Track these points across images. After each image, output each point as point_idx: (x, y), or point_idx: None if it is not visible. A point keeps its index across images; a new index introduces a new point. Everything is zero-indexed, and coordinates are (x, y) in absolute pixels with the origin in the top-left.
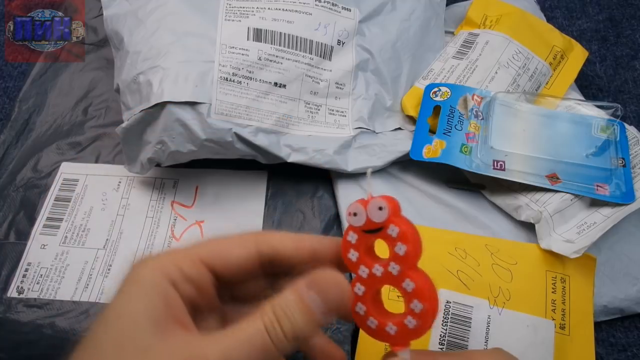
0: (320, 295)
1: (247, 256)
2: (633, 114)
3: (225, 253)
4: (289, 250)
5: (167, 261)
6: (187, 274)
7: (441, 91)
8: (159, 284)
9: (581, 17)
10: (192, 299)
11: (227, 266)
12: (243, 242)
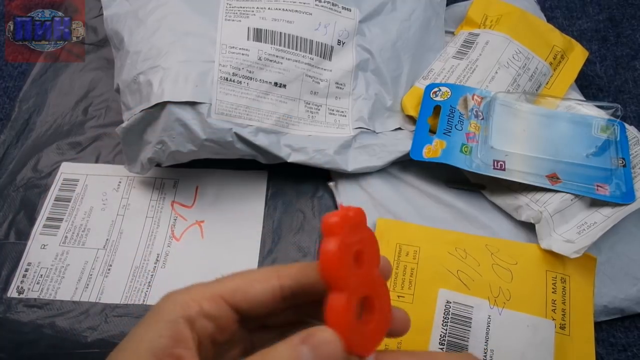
0: (313, 351)
1: (269, 291)
2: (633, 114)
3: (246, 289)
4: (311, 281)
5: (189, 297)
6: (206, 311)
7: (441, 91)
8: (173, 319)
9: (581, 17)
10: (212, 335)
11: (249, 302)
12: (264, 277)
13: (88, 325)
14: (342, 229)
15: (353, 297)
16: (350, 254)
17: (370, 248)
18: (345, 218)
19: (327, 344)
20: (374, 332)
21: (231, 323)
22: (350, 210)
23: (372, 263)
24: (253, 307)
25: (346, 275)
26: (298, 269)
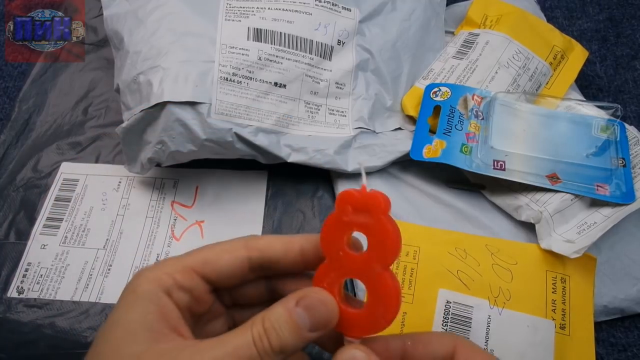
0: (308, 312)
1: (236, 262)
2: (633, 114)
3: (214, 260)
4: (278, 253)
5: (161, 272)
6: (180, 283)
7: (441, 91)
8: (154, 294)
9: (581, 17)
10: (189, 307)
11: (218, 273)
12: (232, 248)
13: (88, 325)
14: (342, 205)
15: (336, 273)
16: (342, 231)
17: (378, 237)
18: (348, 196)
19: (322, 304)
20: (362, 318)
21: (204, 294)
22: (360, 192)
23: (376, 253)
24: (222, 277)
25: (328, 247)
26: (266, 241)
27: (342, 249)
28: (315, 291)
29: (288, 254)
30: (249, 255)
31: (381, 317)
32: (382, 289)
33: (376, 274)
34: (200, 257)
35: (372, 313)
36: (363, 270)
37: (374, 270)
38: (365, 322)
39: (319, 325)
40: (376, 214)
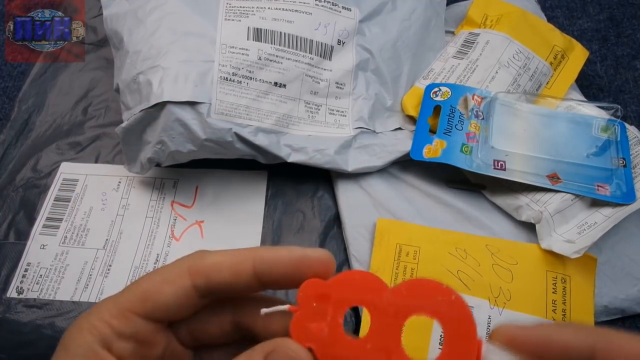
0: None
1: (180, 293)
2: (634, 113)
3: (155, 295)
4: (226, 278)
5: (96, 319)
6: (119, 330)
7: (441, 91)
8: (89, 350)
9: (582, 16)
10: (137, 354)
11: (161, 309)
12: (174, 276)
13: None
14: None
15: (334, 308)
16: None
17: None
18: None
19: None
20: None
21: (152, 335)
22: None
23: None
24: (169, 313)
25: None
26: (213, 262)
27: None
28: (287, 345)
29: (238, 277)
30: (193, 283)
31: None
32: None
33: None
34: (138, 293)
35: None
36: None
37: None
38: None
39: None
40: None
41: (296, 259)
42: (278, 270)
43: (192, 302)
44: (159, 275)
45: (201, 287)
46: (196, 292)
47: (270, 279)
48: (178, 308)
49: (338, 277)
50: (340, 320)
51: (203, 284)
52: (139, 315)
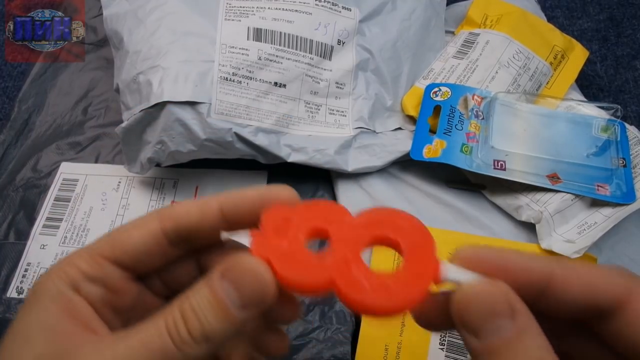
0: (234, 286)
1: (150, 238)
2: (634, 113)
3: (124, 240)
4: (194, 219)
5: (67, 265)
6: (88, 273)
7: (441, 91)
8: (57, 290)
9: (582, 16)
10: (106, 300)
11: (131, 255)
12: (143, 222)
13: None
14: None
15: (292, 225)
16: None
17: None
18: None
19: (252, 274)
20: (329, 268)
21: (123, 283)
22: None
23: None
24: (139, 259)
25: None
26: (183, 208)
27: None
28: (243, 259)
29: (205, 217)
30: (162, 227)
31: (418, 275)
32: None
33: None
34: (109, 239)
35: (400, 277)
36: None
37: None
38: (387, 294)
39: (250, 301)
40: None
41: (260, 194)
42: (243, 205)
43: (162, 248)
44: (130, 224)
45: (170, 232)
46: (165, 237)
47: (236, 216)
48: (147, 253)
49: (302, 204)
50: (301, 237)
51: (172, 227)
52: (108, 260)
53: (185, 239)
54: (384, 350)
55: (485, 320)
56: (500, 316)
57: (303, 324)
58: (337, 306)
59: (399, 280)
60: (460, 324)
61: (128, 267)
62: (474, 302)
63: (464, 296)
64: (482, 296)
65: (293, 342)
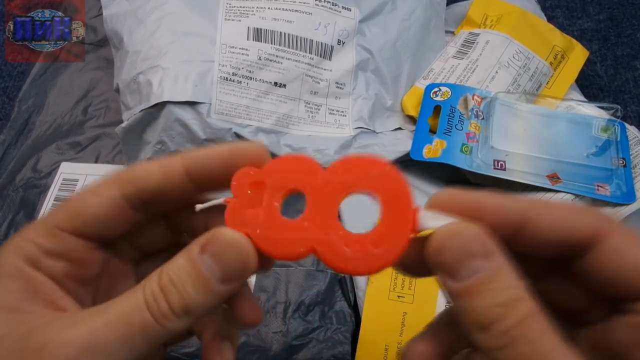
0: (216, 260)
1: (110, 205)
2: (634, 113)
3: (82, 209)
4: (156, 182)
5: (22, 241)
6: (46, 248)
7: (441, 91)
8: (14, 268)
9: (582, 16)
10: (70, 273)
11: (91, 224)
12: (102, 188)
13: None
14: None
15: (267, 191)
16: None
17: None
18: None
19: (233, 247)
20: (305, 232)
21: (86, 253)
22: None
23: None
24: (99, 227)
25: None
26: (143, 170)
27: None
28: (224, 232)
29: (169, 179)
30: (123, 192)
31: (396, 231)
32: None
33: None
34: (66, 209)
35: (379, 233)
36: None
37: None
38: (367, 252)
39: (231, 274)
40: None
41: (227, 152)
42: (210, 165)
43: (124, 214)
44: (87, 190)
45: (131, 196)
46: (127, 202)
47: (203, 176)
48: (108, 221)
49: (271, 163)
50: (276, 204)
51: (133, 192)
52: (68, 232)
53: (149, 203)
54: (384, 351)
55: (460, 261)
56: (475, 257)
57: (303, 324)
58: (337, 306)
59: (378, 238)
60: (437, 266)
61: (90, 237)
62: (447, 245)
63: (438, 239)
64: (455, 238)
65: (293, 342)
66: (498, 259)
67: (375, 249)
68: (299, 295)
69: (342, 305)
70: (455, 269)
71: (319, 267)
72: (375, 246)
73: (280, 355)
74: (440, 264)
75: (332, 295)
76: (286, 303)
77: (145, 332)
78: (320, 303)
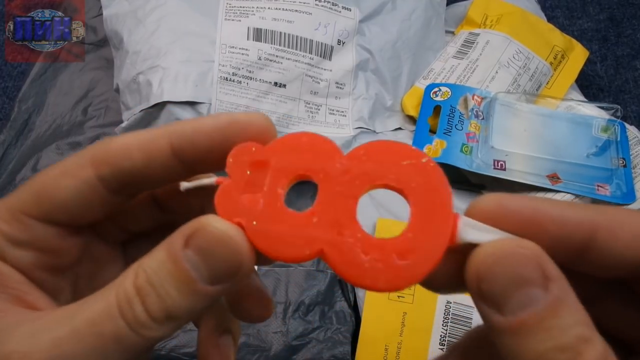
0: (202, 257)
1: (83, 187)
2: (634, 113)
3: (51, 191)
4: (137, 163)
5: None
6: (12, 237)
7: (441, 91)
8: None
9: (582, 16)
10: (41, 263)
11: (61, 209)
12: (74, 167)
13: None
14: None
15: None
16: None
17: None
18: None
19: (222, 243)
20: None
21: (60, 241)
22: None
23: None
24: (72, 213)
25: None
26: (120, 146)
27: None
28: (211, 223)
29: (152, 159)
30: (98, 173)
31: (430, 238)
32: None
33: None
34: (33, 191)
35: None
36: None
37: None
38: (392, 267)
39: (221, 274)
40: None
41: (224, 125)
42: (201, 142)
43: (101, 197)
44: (57, 169)
45: (108, 178)
46: (103, 185)
47: (193, 155)
48: (83, 206)
49: (278, 140)
50: (280, 191)
51: (109, 173)
52: (35, 218)
53: (129, 185)
54: (384, 351)
55: (511, 290)
56: (530, 285)
57: (303, 324)
58: (337, 306)
59: (406, 247)
60: (478, 294)
61: (61, 223)
62: (495, 268)
63: (483, 260)
64: (506, 260)
65: (293, 342)
66: (559, 287)
67: (400, 260)
68: (299, 295)
69: (342, 305)
70: (504, 299)
71: (319, 267)
72: (401, 257)
73: (280, 355)
74: (483, 292)
75: (332, 295)
76: (286, 303)
77: (119, 343)
78: (320, 303)
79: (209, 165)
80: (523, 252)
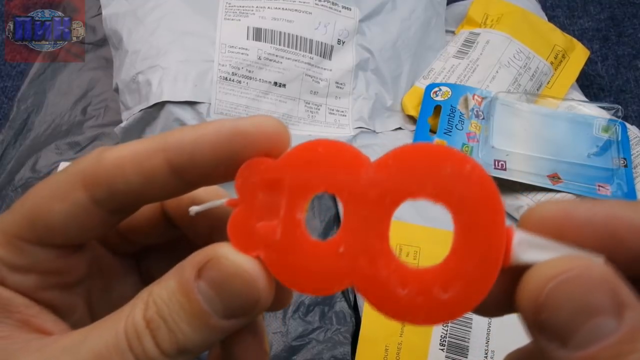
0: (216, 290)
1: (75, 211)
2: (635, 113)
3: (44, 216)
4: (133, 183)
5: None
6: (9, 263)
7: (442, 91)
8: None
9: (583, 16)
10: (43, 284)
11: (56, 232)
12: (65, 190)
13: None
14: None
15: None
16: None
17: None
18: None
19: (237, 276)
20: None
21: (62, 261)
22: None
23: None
24: (69, 235)
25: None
26: (113, 163)
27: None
28: (226, 255)
29: (148, 178)
30: (91, 195)
31: (477, 267)
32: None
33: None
34: (25, 213)
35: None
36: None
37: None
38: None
39: (238, 310)
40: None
41: (227, 135)
42: (202, 157)
43: (97, 219)
44: (47, 189)
45: (103, 200)
46: (98, 206)
47: (194, 171)
48: (79, 229)
49: (293, 152)
50: (298, 216)
51: (104, 195)
52: (31, 243)
53: (125, 204)
54: (384, 351)
55: (578, 321)
56: (601, 314)
57: (303, 324)
58: (337, 306)
59: (449, 276)
60: (536, 325)
61: (59, 245)
62: (558, 295)
63: (542, 285)
64: (571, 285)
65: (293, 342)
66: (636, 315)
67: (444, 294)
68: (299, 295)
69: (342, 305)
70: (569, 331)
71: None
72: (444, 289)
73: (280, 355)
74: (543, 322)
75: (332, 296)
76: None
77: None
78: (320, 303)
79: (213, 180)
80: (590, 274)
